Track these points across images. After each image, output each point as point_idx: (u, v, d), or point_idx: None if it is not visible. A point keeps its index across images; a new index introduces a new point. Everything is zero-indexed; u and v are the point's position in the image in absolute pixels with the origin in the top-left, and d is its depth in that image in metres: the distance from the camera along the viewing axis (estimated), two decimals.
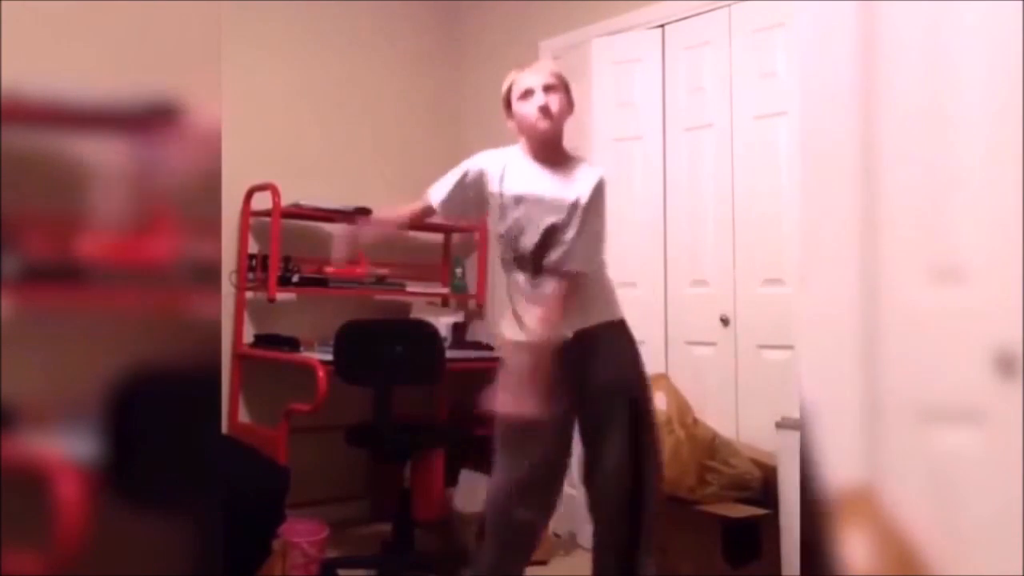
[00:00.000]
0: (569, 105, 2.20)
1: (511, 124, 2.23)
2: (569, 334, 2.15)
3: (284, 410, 3.20)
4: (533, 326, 2.11)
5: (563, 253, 2.11)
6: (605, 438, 2.14)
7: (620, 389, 2.16)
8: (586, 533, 2.59)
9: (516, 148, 2.25)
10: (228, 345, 3.56)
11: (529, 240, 2.15)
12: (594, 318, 2.18)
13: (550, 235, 2.12)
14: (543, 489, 2.20)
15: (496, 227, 2.24)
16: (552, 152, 2.19)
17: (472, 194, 2.26)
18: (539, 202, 2.13)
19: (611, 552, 2.15)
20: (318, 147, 3.93)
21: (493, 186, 2.21)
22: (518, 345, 2.15)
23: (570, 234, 2.10)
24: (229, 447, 3.03)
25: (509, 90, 2.20)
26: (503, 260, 2.25)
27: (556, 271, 2.12)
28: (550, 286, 2.12)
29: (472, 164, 2.27)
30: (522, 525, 2.18)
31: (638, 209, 3.39)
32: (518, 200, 2.15)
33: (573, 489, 3.13)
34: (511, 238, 2.18)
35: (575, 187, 2.13)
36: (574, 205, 2.10)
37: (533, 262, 2.15)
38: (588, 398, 2.17)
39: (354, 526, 3.62)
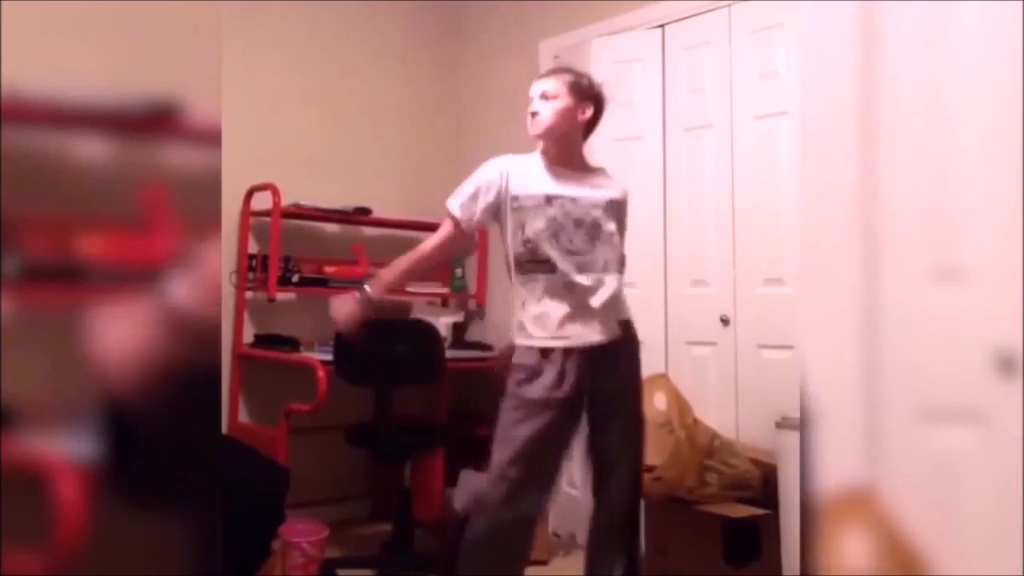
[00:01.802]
0: (575, 109, 2.20)
1: None
2: (605, 339, 2.14)
3: (284, 410, 3.20)
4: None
5: (611, 250, 2.19)
6: (623, 446, 2.18)
7: (634, 395, 2.22)
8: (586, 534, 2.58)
9: (536, 154, 2.26)
10: (228, 345, 3.56)
11: (568, 239, 2.13)
12: (623, 319, 2.22)
13: (595, 232, 2.16)
14: (542, 486, 2.14)
15: (519, 230, 2.15)
16: (570, 157, 2.24)
17: (493, 199, 2.19)
18: (574, 201, 2.15)
19: (617, 553, 2.19)
20: (318, 147, 3.93)
21: (516, 187, 2.17)
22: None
23: (614, 232, 2.21)
24: (229, 447, 3.03)
25: None
26: (522, 263, 2.15)
27: (605, 269, 2.16)
28: (609, 282, 2.15)
29: (490, 172, 2.21)
30: (519, 523, 2.11)
31: (638, 209, 3.32)
32: (550, 199, 2.14)
33: (574, 489, 3.13)
34: (546, 238, 2.12)
35: (604, 189, 2.24)
36: (610, 203, 2.21)
37: (577, 261, 2.13)
38: (606, 402, 2.16)
39: (354, 526, 3.62)
